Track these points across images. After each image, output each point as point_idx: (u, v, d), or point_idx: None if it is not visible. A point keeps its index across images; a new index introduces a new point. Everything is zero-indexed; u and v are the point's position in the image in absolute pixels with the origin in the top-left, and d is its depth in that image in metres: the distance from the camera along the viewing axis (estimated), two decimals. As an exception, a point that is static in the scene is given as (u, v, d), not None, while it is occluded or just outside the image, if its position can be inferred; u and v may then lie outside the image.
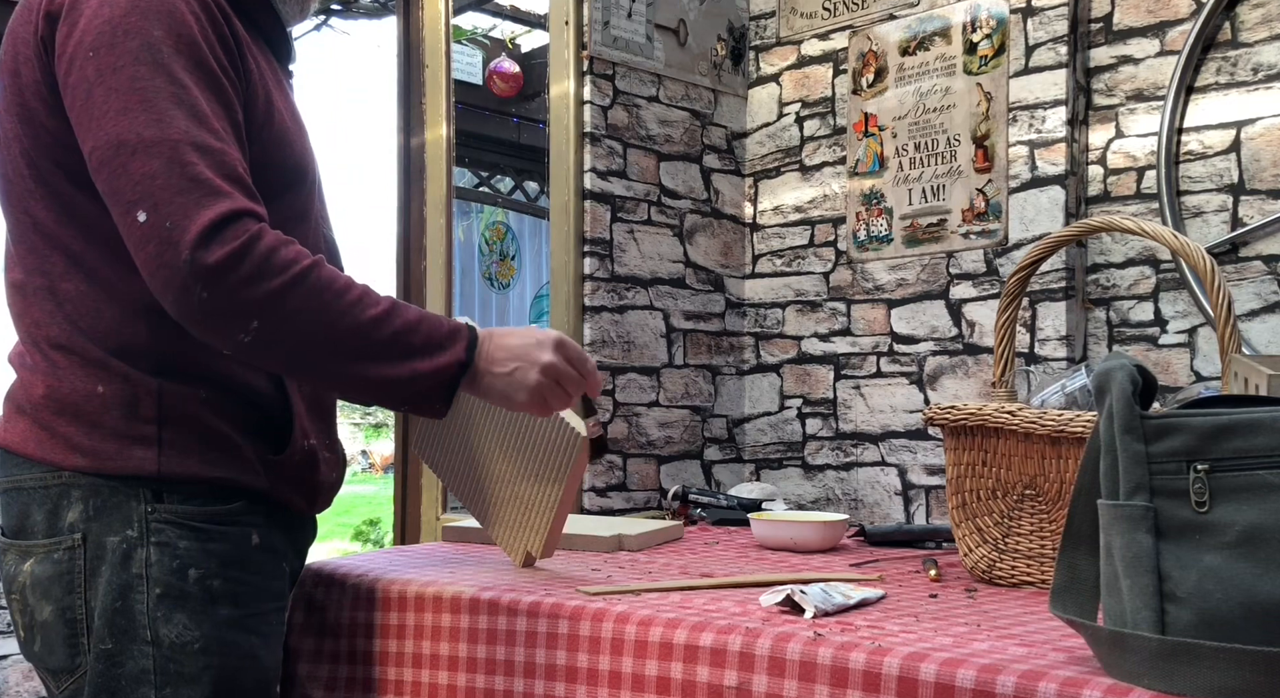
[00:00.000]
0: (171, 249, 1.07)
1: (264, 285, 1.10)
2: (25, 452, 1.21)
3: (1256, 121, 2.18)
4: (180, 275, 1.08)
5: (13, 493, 1.22)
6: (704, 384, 2.74)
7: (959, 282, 2.48)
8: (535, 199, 6.74)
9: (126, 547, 1.18)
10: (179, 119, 1.11)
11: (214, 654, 1.20)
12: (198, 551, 1.20)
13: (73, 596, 1.18)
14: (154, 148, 1.10)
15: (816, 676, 1.04)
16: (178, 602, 1.18)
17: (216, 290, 1.08)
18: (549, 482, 1.49)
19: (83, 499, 1.19)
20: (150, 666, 1.17)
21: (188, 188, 1.09)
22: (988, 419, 1.43)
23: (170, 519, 1.20)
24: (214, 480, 1.23)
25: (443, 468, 1.63)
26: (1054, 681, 0.91)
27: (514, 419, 1.52)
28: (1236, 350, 1.30)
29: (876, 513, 2.59)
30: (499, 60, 5.58)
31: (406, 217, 2.88)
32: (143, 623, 1.17)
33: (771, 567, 1.61)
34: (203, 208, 1.08)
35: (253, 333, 1.11)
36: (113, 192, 1.11)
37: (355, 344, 1.15)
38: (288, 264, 1.11)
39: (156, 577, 1.18)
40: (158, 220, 1.08)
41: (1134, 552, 0.90)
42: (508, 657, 1.29)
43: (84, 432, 1.19)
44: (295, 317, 1.12)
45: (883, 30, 2.63)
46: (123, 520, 1.19)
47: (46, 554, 1.19)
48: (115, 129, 1.11)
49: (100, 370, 1.20)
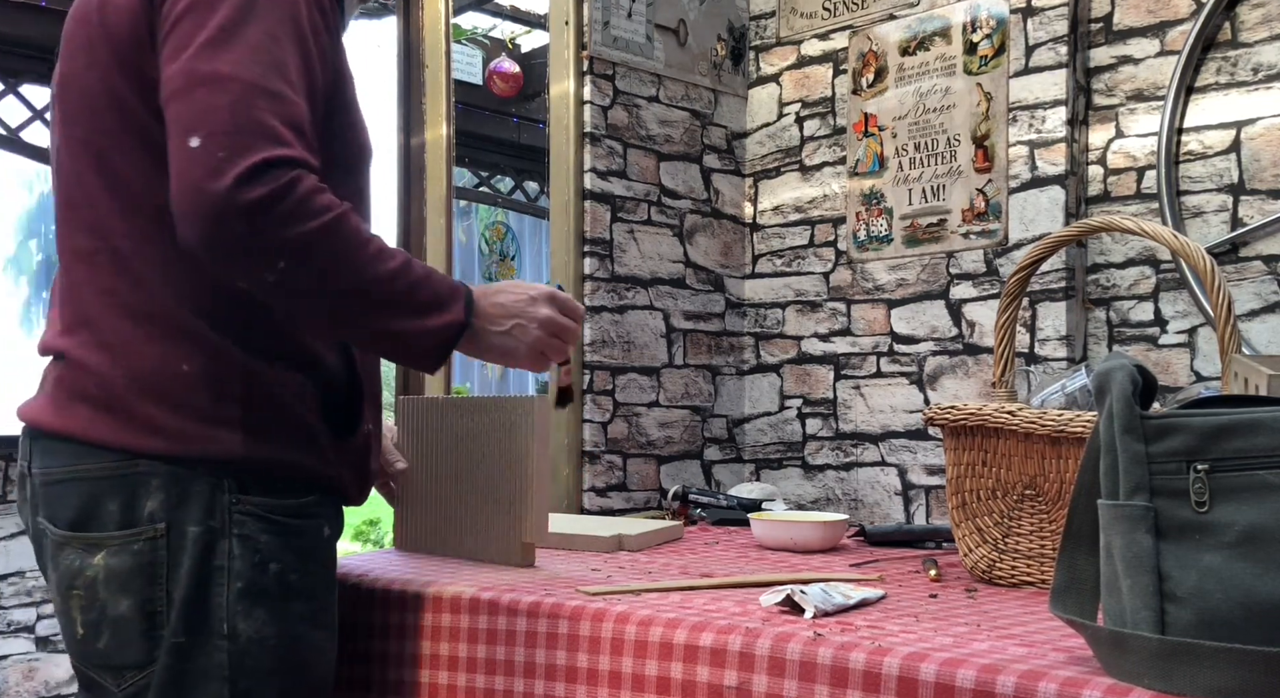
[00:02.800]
0: (216, 178, 1.05)
1: (297, 227, 1.08)
2: (93, 438, 1.15)
3: (1256, 121, 2.18)
4: (218, 205, 1.05)
5: (71, 483, 1.16)
6: (704, 384, 2.74)
7: (959, 282, 2.48)
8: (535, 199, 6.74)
9: (209, 537, 1.15)
10: (258, 64, 1.10)
11: (288, 650, 1.18)
12: (278, 545, 1.18)
13: (154, 587, 1.14)
14: (225, 83, 1.08)
15: (816, 676, 1.04)
16: (258, 597, 1.16)
17: (252, 226, 1.06)
18: (516, 460, 1.52)
19: (163, 488, 1.14)
20: (224, 660, 1.14)
21: (247, 127, 1.07)
22: (988, 419, 1.43)
23: (253, 512, 1.17)
24: (294, 468, 1.21)
25: (428, 540, 1.68)
26: (1054, 681, 0.91)
27: (464, 429, 1.60)
28: (1236, 350, 1.30)
29: (876, 513, 2.59)
30: (499, 60, 5.58)
31: (406, 217, 2.88)
32: (220, 616, 1.15)
33: (771, 567, 1.61)
34: (256, 148, 1.07)
35: (279, 272, 1.10)
36: (174, 118, 1.09)
37: (371, 294, 1.15)
38: (321, 210, 1.10)
39: (238, 571, 1.16)
40: (210, 148, 1.06)
41: (1134, 552, 0.90)
42: (508, 657, 1.29)
43: (166, 413, 1.14)
44: (322, 261, 1.11)
45: (883, 30, 2.63)
46: (205, 510, 1.15)
47: (123, 546, 1.14)
48: (193, 62, 1.09)
49: (185, 345, 1.15)
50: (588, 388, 2.48)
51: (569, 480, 2.47)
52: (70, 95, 1.21)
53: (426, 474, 1.67)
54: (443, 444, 1.65)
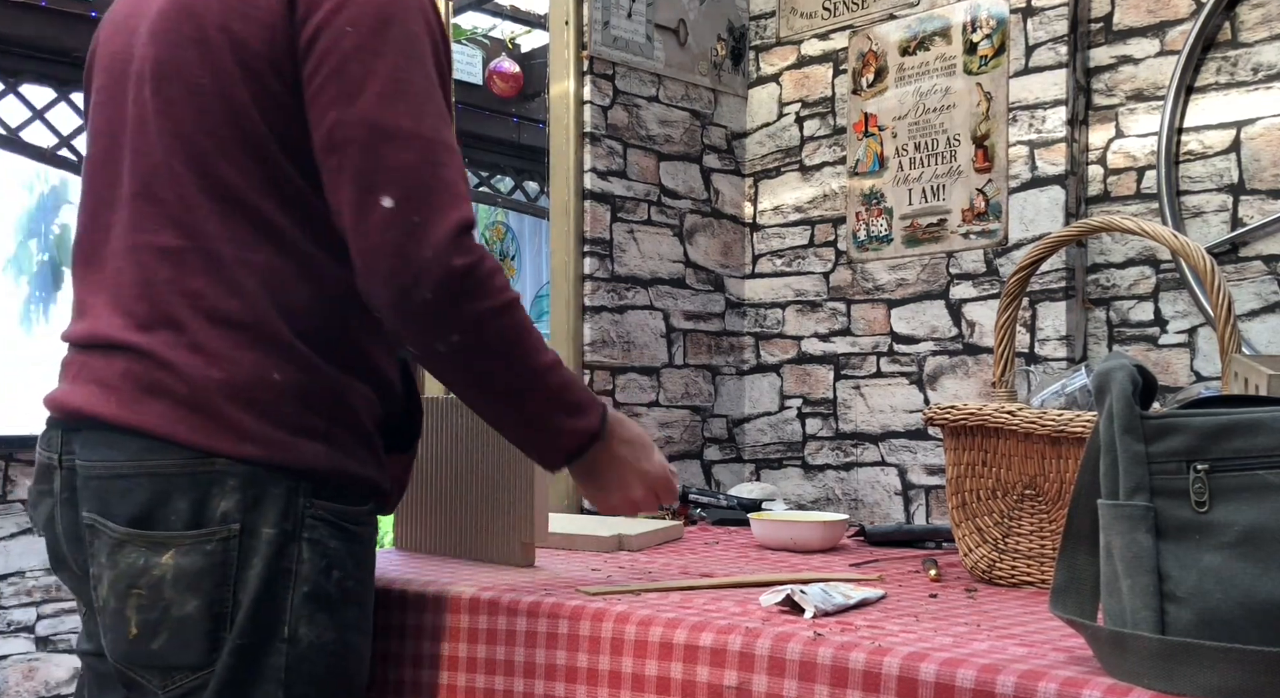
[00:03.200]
0: (415, 243, 1.07)
1: (481, 304, 1.11)
2: (171, 435, 1.11)
3: (1256, 121, 2.18)
4: (414, 270, 1.07)
5: (141, 479, 1.12)
6: (704, 384, 2.73)
7: (959, 282, 2.48)
8: (535, 199, 6.74)
9: (281, 540, 1.13)
10: (433, 116, 1.12)
11: (341, 657, 1.18)
12: (343, 552, 1.18)
13: (223, 588, 1.11)
14: (411, 140, 1.09)
15: (816, 675, 1.04)
16: (321, 602, 1.15)
17: (441, 295, 1.08)
18: (516, 461, 1.53)
19: (239, 488, 1.12)
20: (282, 664, 1.13)
21: (438, 188, 1.09)
22: (988, 419, 1.43)
23: (324, 517, 1.16)
24: (362, 479, 1.21)
25: (428, 540, 1.69)
26: (1054, 681, 0.91)
27: (464, 429, 1.60)
28: (1236, 350, 1.30)
29: (876, 513, 2.58)
30: (499, 60, 5.58)
31: (406, 217, 2.88)
32: (284, 620, 1.13)
33: (771, 567, 1.61)
34: (449, 211, 1.09)
35: (451, 344, 1.12)
36: (356, 171, 1.09)
37: (527, 384, 1.18)
38: (502, 290, 1.13)
39: (305, 575, 1.14)
40: (406, 211, 1.07)
41: (1134, 552, 0.90)
42: (508, 657, 1.29)
43: (254, 419, 1.12)
44: (493, 341, 1.14)
45: (883, 30, 2.63)
46: (279, 513, 1.13)
47: (195, 545, 1.11)
48: (372, 111, 1.09)
49: (276, 355, 1.14)
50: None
51: (569, 481, 2.47)
52: (171, 85, 1.16)
53: (427, 474, 1.67)
54: (443, 444, 1.65)
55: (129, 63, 1.20)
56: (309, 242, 1.15)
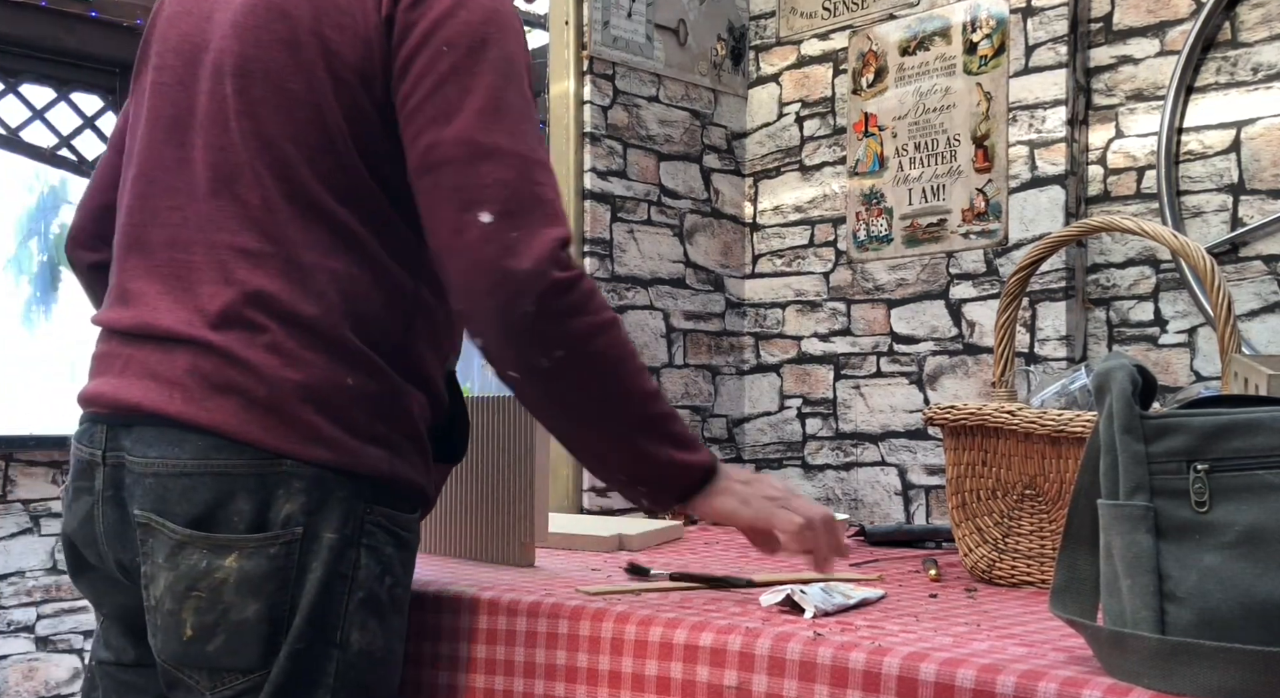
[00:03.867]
0: (515, 257, 1.06)
1: (584, 319, 1.10)
2: (241, 435, 1.10)
3: (1256, 121, 2.18)
4: (515, 283, 1.06)
5: (206, 478, 1.10)
6: (704, 384, 2.74)
7: (959, 282, 2.48)
8: (535, 199, 6.74)
9: (341, 544, 1.12)
10: (529, 136, 1.11)
11: (385, 665, 1.17)
12: (396, 558, 1.18)
13: (283, 592, 1.10)
14: (508, 157, 1.09)
15: (816, 675, 1.04)
16: (374, 608, 1.15)
17: (544, 308, 1.07)
18: (516, 460, 1.53)
19: (304, 491, 1.10)
20: (333, 669, 1.12)
21: (536, 205, 1.08)
22: (988, 419, 1.43)
23: (382, 524, 1.16)
24: (416, 486, 1.21)
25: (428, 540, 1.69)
26: (1054, 681, 0.91)
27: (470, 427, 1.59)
28: (1236, 350, 1.30)
29: (876, 513, 2.58)
30: (499, 60, 5.57)
31: (406, 217, 2.88)
32: (337, 625, 1.12)
33: (771, 567, 1.61)
34: (548, 227, 1.08)
35: (555, 361, 1.10)
36: (454, 189, 1.09)
37: (633, 407, 1.16)
38: (603, 307, 1.12)
39: (362, 580, 1.13)
40: (504, 227, 1.07)
41: (1134, 552, 0.90)
42: (507, 657, 1.29)
43: (328, 422, 1.11)
44: (596, 360, 1.12)
45: (883, 30, 2.63)
46: (341, 517, 1.12)
47: (259, 549, 1.09)
48: (468, 130, 1.09)
49: (349, 360, 1.13)
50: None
51: (569, 480, 2.47)
52: (257, 86, 1.15)
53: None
54: None
55: (203, 50, 1.18)
56: (384, 252, 1.16)
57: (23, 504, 3.38)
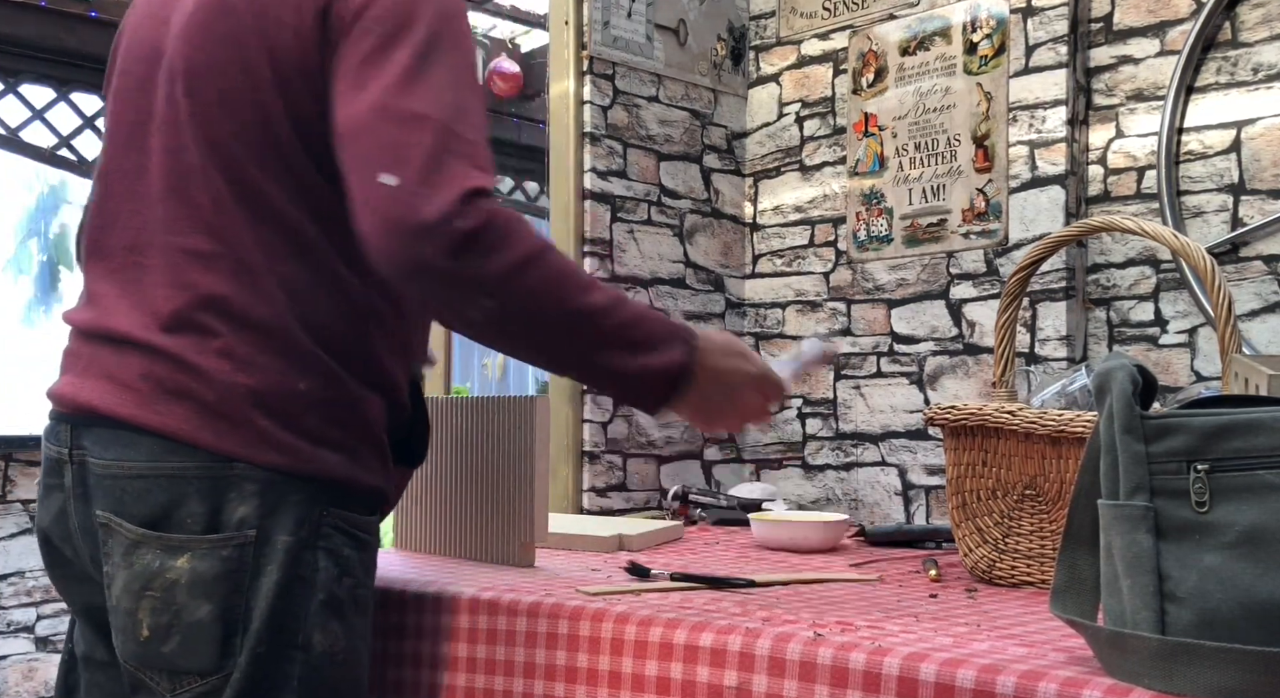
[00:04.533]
0: (417, 214, 1.03)
1: (502, 259, 1.06)
2: (193, 440, 1.10)
3: (1257, 121, 2.18)
4: (421, 241, 1.03)
5: (160, 480, 1.11)
6: (704, 384, 2.74)
7: (959, 282, 2.48)
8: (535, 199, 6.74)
9: (297, 547, 1.12)
10: (445, 104, 1.08)
11: (349, 666, 1.17)
12: (355, 560, 1.18)
13: (237, 595, 1.10)
14: (420, 121, 1.06)
15: (816, 676, 1.04)
16: (335, 610, 1.15)
17: (455, 260, 1.04)
18: (516, 460, 1.53)
19: (257, 494, 1.11)
20: (295, 671, 1.12)
21: (446, 164, 1.05)
22: (988, 419, 1.43)
23: (340, 526, 1.16)
24: (374, 489, 1.21)
25: (428, 540, 1.69)
26: (1054, 681, 0.91)
27: (464, 429, 1.61)
28: (1236, 350, 1.30)
29: (876, 513, 2.58)
30: (499, 60, 5.58)
31: (406, 217, 2.88)
32: (299, 628, 1.12)
33: (771, 567, 1.61)
34: (456, 181, 1.04)
35: (487, 311, 1.08)
36: (360, 156, 1.06)
37: (584, 332, 1.13)
38: (523, 239, 1.08)
39: (322, 583, 1.14)
40: (408, 187, 1.04)
41: (1134, 552, 0.90)
42: (508, 657, 1.29)
43: (280, 427, 1.12)
44: (529, 298, 1.09)
45: (883, 30, 2.63)
46: (296, 520, 1.12)
47: (212, 550, 1.10)
48: (382, 96, 1.07)
49: (301, 364, 1.13)
50: (588, 388, 2.48)
51: (569, 480, 2.47)
52: (205, 87, 1.15)
53: (427, 474, 1.67)
54: (443, 444, 1.65)
55: (160, 54, 1.18)
56: (336, 255, 1.15)
57: (22, 504, 3.38)
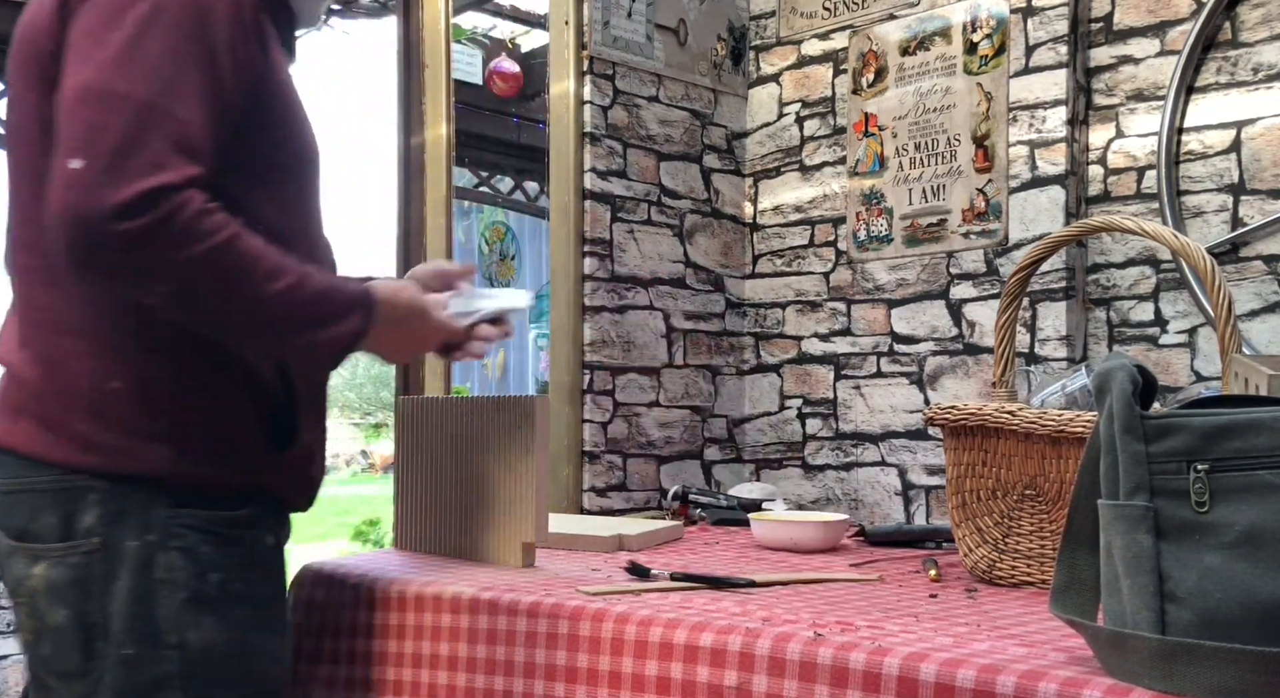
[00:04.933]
0: (92, 204, 1.04)
1: (180, 253, 1.08)
2: (33, 452, 1.17)
3: (1257, 121, 2.18)
4: (91, 232, 1.05)
5: (20, 494, 1.18)
6: (704, 384, 2.74)
7: (959, 282, 2.48)
8: (535, 199, 6.74)
9: (147, 551, 1.16)
10: (155, 82, 1.09)
11: (238, 658, 1.19)
12: (220, 556, 1.20)
13: (89, 601, 1.15)
14: (117, 102, 1.07)
15: (816, 676, 1.04)
16: (205, 606, 1.17)
17: (127, 255, 1.07)
18: (516, 460, 1.53)
19: (100, 502, 1.16)
20: (175, 670, 1.15)
21: (133, 151, 1.06)
22: (988, 419, 1.43)
23: (191, 524, 1.18)
24: (226, 481, 1.22)
25: (428, 540, 1.69)
26: (1054, 681, 0.91)
27: (464, 429, 1.61)
28: (1236, 350, 1.30)
29: (876, 513, 2.58)
30: (499, 60, 5.58)
31: (406, 216, 2.88)
32: (167, 628, 1.15)
33: (771, 567, 1.61)
34: (141, 176, 1.06)
35: (161, 295, 1.12)
36: (61, 135, 1.08)
37: (264, 314, 1.17)
38: (205, 234, 1.10)
39: (182, 582, 1.16)
40: (91, 172, 1.05)
41: (1134, 552, 0.90)
42: (508, 657, 1.29)
43: (99, 429, 1.16)
44: (206, 285, 1.12)
45: (883, 30, 2.63)
46: (142, 525, 1.16)
47: (60, 558, 1.15)
48: (89, 76, 1.08)
49: (116, 362, 1.17)
50: (588, 388, 2.48)
51: (569, 480, 2.47)
52: (16, 102, 1.21)
53: (426, 474, 1.67)
54: (443, 444, 1.65)
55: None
56: None
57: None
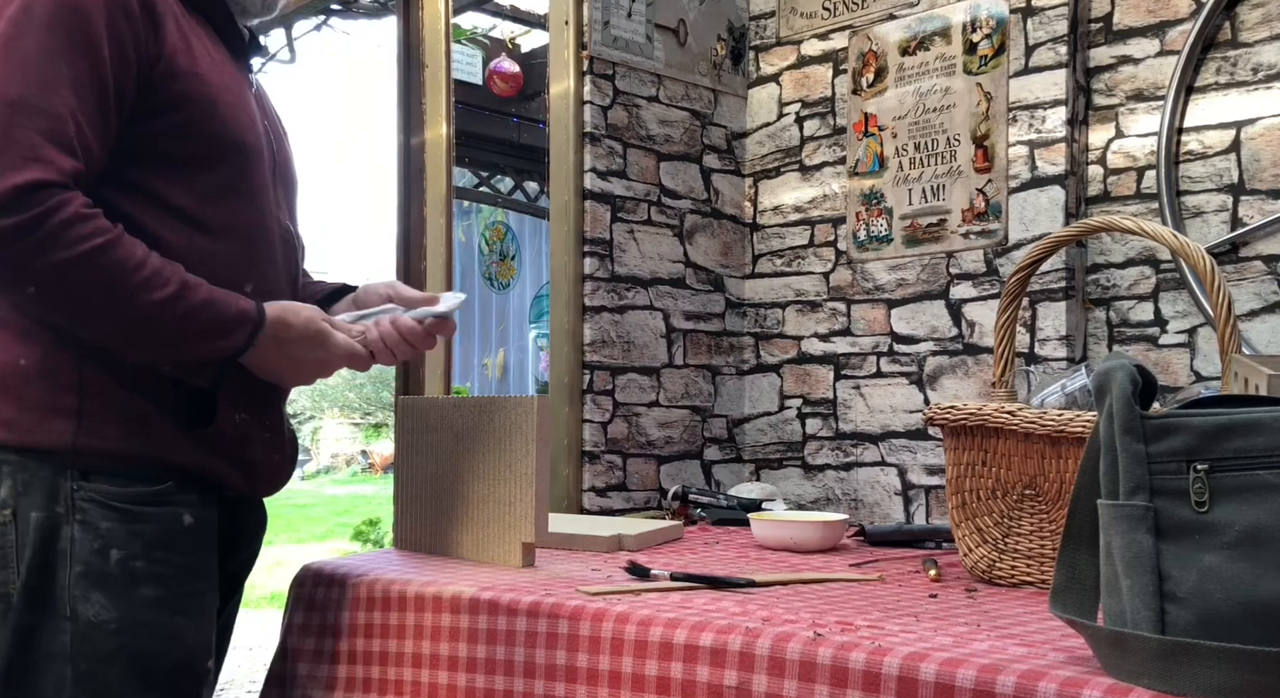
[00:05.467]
0: None
1: (48, 256, 1.12)
2: None
3: (1256, 121, 2.18)
4: None
5: None
6: (704, 384, 2.74)
7: (959, 282, 2.48)
8: (535, 199, 6.74)
9: (52, 523, 1.19)
10: (28, 80, 1.13)
11: (130, 635, 1.21)
12: (122, 532, 1.22)
13: (6, 571, 1.19)
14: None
15: (816, 676, 1.04)
16: (97, 582, 1.20)
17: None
18: (516, 460, 1.53)
19: (11, 475, 1.19)
20: (68, 642, 1.18)
21: (5, 147, 1.10)
22: (988, 419, 1.43)
23: (95, 499, 1.21)
24: (137, 457, 1.24)
25: (428, 540, 1.69)
26: (1054, 681, 0.91)
27: (464, 429, 1.61)
28: (1236, 350, 1.30)
29: (876, 513, 2.59)
30: (499, 60, 5.58)
31: (406, 217, 2.88)
32: (63, 599, 1.19)
33: (771, 567, 1.61)
34: (11, 171, 1.10)
35: (30, 297, 1.15)
36: None
37: (136, 322, 1.19)
38: (79, 239, 1.13)
39: (77, 555, 1.19)
40: None
41: (1134, 552, 0.90)
42: (508, 657, 1.29)
43: (7, 403, 1.20)
44: (77, 289, 1.16)
45: (883, 30, 2.63)
46: (49, 497, 1.20)
47: None
48: None
49: (24, 341, 1.20)
50: (588, 388, 2.48)
51: (569, 480, 2.47)
52: None
53: (426, 474, 1.67)
54: (443, 444, 1.65)
55: None
56: None
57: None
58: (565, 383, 2.47)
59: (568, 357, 2.48)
